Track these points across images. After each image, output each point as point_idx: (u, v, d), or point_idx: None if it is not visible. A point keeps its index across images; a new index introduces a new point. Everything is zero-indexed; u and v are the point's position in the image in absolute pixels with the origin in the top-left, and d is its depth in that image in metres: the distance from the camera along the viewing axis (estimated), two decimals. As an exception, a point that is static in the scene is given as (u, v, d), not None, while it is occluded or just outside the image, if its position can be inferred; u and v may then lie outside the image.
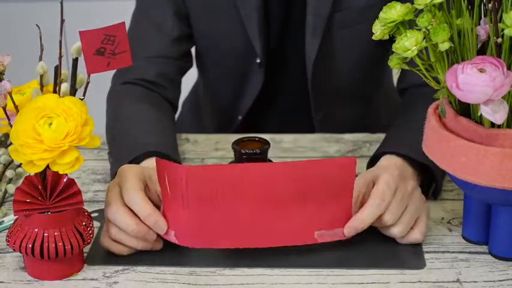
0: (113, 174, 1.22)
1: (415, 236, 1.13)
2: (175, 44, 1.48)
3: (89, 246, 1.14)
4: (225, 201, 1.08)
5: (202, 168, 1.08)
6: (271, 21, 1.47)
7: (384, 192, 1.11)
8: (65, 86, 1.05)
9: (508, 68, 0.99)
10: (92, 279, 1.09)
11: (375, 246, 1.14)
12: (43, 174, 1.04)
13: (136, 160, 1.22)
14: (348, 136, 1.45)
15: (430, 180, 1.22)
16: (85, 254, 1.12)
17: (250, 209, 1.09)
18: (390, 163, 1.18)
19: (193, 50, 1.58)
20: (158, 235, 1.11)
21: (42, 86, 1.05)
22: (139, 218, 1.10)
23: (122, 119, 1.34)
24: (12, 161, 1.31)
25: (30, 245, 1.05)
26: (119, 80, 1.45)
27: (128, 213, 1.10)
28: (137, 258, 1.12)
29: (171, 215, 1.10)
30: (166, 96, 1.45)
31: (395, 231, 1.12)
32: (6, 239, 1.08)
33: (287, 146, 1.42)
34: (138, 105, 1.37)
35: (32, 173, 1.03)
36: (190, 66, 1.55)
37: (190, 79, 1.69)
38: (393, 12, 1.04)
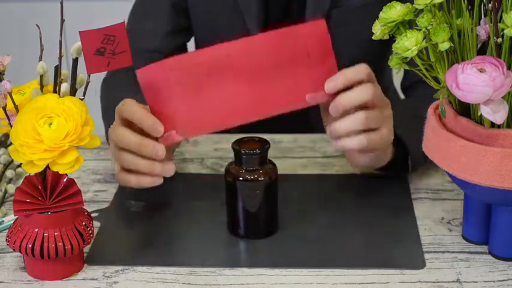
0: None
1: (355, 140, 1.14)
2: (169, 38, 1.50)
3: (88, 246, 1.14)
4: (216, 81, 1.13)
5: (188, 54, 1.17)
6: (270, 15, 1.46)
7: (366, 66, 1.15)
8: (65, 86, 1.05)
9: (508, 68, 0.99)
10: (92, 279, 1.09)
11: (375, 246, 1.14)
12: (43, 174, 1.04)
13: None
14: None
15: (406, 153, 1.25)
16: (85, 254, 1.12)
17: (240, 84, 1.14)
18: None
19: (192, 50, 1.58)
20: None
21: (42, 86, 1.05)
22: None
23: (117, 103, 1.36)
24: (12, 161, 1.31)
25: (30, 245, 1.05)
26: (111, 71, 1.47)
27: (127, 129, 1.13)
28: (137, 258, 1.12)
29: (167, 117, 1.13)
30: None
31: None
32: (6, 239, 1.08)
33: (287, 146, 1.42)
34: (131, 90, 1.37)
35: (32, 173, 1.03)
36: None
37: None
38: (393, 12, 1.04)
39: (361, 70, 1.15)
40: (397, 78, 1.65)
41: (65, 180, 1.05)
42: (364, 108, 1.15)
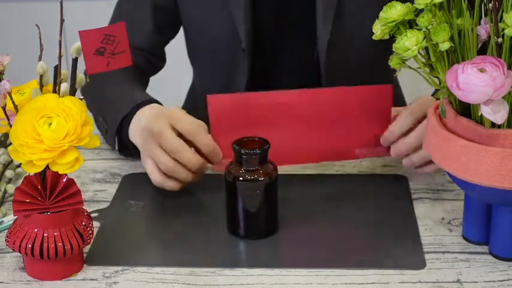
0: (114, 130, 1.32)
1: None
2: (151, 36, 1.52)
3: (88, 247, 1.14)
4: (279, 123, 1.22)
5: (260, 94, 1.24)
6: (259, 7, 1.47)
7: (414, 108, 1.24)
8: (64, 86, 1.04)
9: (509, 68, 0.99)
10: (91, 280, 1.08)
11: (375, 246, 1.14)
12: (43, 174, 1.04)
13: (132, 112, 1.30)
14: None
15: None
16: (85, 254, 1.12)
17: (300, 130, 1.24)
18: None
19: (185, 51, 1.58)
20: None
21: (41, 85, 1.05)
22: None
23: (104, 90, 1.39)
24: (11, 161, 1.31)
25: (29, 245, 1.05)
26: None
27: (190, 149, 1.20)
28: (137, 258, 1.12)
29: (227, 145, 1.18)
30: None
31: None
32: (5, 239, 1.08)
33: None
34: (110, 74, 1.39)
35: (32, 173, 1.03)
36: (162, 64, 1.58)
37: (185, 85, 1.70)
38: (393, 12, 1.04)
39: (404, 121, 1.24)
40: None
41: (64, 180, 1.05)
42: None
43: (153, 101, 1.31)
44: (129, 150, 1.33)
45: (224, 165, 1.18)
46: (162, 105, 1.31)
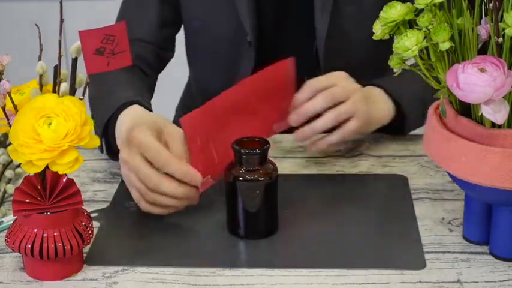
0: (102, 129, 1.29)
1: (331, 136, 1.30)
2: (158, 29, 1.51)
3: (88, 247, 1.13)
4: (233, 121, 1.23)
5: (219, 98, 1.22)
6: (261, 2, 1.47)
7: (319, 78, 1.30)
8: (64, 86, 1.04)
9: (509, 68, 0.99)
10: (91, 280, 1.08)
11: (375, 246, 1.14)
12: (42, 175, 1.04)
13: (115, 114, 1.26)
14: (348, 136, 1.44)
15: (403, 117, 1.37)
16: (84, 255, 1.12)
17: (244, 122, 1.24)
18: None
19: (182, 49, 1.58)
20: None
21: (41, 85, 1.05)
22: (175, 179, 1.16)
23: (103, 86, 1.37)
24: (11, 161, 1.31)
25: (29, 245, 1.05)
26: None
27: (171, 180, 1.15)
28: (137, 258, 1.12)
29: (205, 164, 1.18)
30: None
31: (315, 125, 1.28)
32: (5, 239, 1.08)
33: (287, 146, 1.42)
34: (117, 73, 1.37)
35: (31, 173, 1.03)
36: (170, 56, 1.58)
37: (180, 86, 1.69)
38: (393, 12, 1.04)
39: (310, 89, 1.29)
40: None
41: (64, 180, 1.05)
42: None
43: (133, 102, 1.27)
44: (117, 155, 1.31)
45: (209, 184, 1.18)
46: (145, 106, 1.27)
